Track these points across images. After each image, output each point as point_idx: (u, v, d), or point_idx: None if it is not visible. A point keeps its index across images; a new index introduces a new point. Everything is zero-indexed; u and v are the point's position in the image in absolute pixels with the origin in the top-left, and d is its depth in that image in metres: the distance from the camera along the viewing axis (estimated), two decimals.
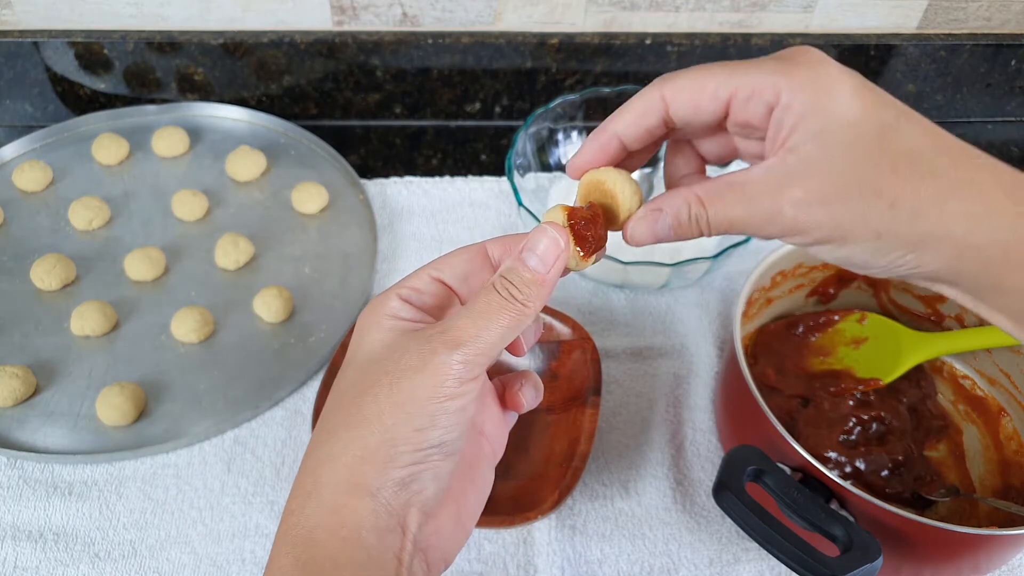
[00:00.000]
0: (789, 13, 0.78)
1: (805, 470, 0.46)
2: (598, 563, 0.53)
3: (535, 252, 0.33)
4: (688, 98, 0.32)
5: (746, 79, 0.31)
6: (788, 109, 0.31)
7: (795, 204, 0.31)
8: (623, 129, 0.34)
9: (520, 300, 0.32)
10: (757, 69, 0.31)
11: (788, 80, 0.31)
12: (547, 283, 0.33)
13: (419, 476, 0.31)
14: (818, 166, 0.30)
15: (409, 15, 0.76)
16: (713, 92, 0.32)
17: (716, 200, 0.32)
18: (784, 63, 0.31)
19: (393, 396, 0.31)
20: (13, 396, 0.58)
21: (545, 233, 0.33)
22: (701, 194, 0.33)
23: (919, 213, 0.30)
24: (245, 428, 0.59)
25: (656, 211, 0.33)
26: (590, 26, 0.78)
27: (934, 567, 0.49)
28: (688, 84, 0.32)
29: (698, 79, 0.32)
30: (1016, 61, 0.82)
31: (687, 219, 0.33)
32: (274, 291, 0.64)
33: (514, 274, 0.32)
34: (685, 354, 0.64)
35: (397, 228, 0.73)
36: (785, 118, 0.31)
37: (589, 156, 0.35)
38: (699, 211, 0.33)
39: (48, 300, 0.65)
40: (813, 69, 0.31)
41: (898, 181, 0.30)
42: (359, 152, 0.81)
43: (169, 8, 0.75)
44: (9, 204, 0.71)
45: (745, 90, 0.31)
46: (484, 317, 0.32)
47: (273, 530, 0.54)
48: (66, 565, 0.52)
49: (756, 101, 0.31)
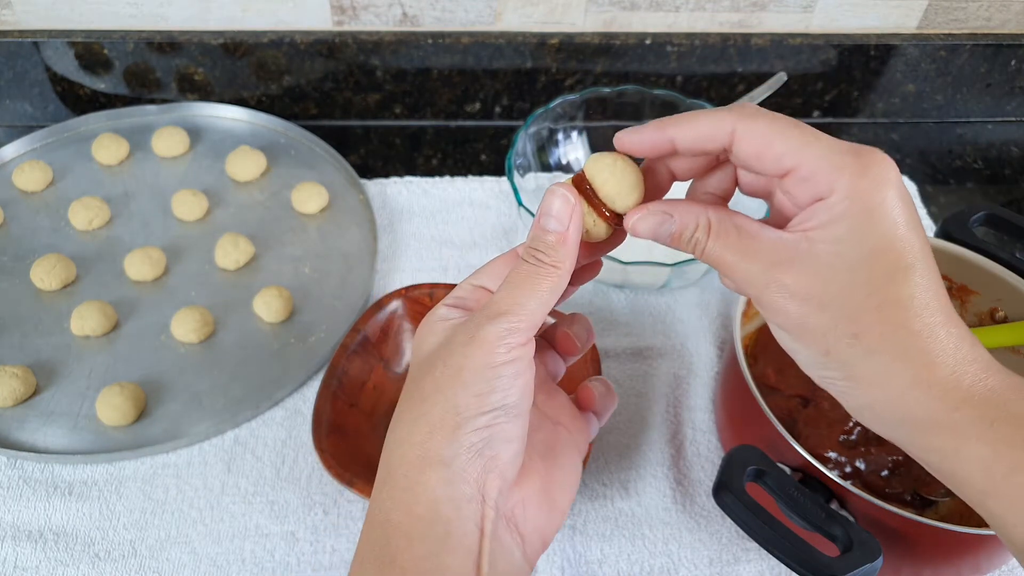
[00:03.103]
0: (789, 13, 0.78)
1: (805, 470, 0.46)
2: (598, 563, 0.53)
3: (550, 214, 0.34)
4: (754, 149, 0.32)
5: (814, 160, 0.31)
6: (829, 209, 0.31)
7: (780, 286, 0.32)
8: (682, 138, 0.34)
9: (549, 263, 0.33)
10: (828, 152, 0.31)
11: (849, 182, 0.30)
12: (569, 240, 0.34)
13: (491, 441, 0.32)
14: (820, 270, 0.31)
15: (409, 15, 0.76)
16: (779, 156, 0.32)
17: (721, 236, 0.33)
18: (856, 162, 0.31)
19: (448, 370, 0.32)
20: (13, 396, 0.58)
21: (553, 193, 0.34)
22: (713, 222, 0.33)
23: (873, 354, 0.31)
24: (245, 428, 0.59)
25: (666, 215, 0.34)
26: (590, 26, 0.78)
27: (934, 567, 0.49)
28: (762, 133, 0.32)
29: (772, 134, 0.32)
30: (1016, 61, 0.82)
31: (688, 237, 0.34)
32: (274, 291, 0.64)
33: (537, 240, 0.34)
34: (685, 354, 0.64)
35: (397, 228, 0.73)
36: (822, 213, 0.31)
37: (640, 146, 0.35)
38: (702, 237, 0.33)
39: (48, 300, 0.65)
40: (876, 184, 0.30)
41: (873, 321, 0.31)
42: (359, 152, 0.81)
43: (169, 8, 0.75)
44: (9, 204, 0.71)
45: (807, 170, 0.31)
46: (519, 287, 0.33)
47: (273, 530, 0.54)
48: (66, 565, 0.52)
49: (810, 186, 0.31)
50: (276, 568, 0.52)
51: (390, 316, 0.61)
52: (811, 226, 0.31)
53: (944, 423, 0.30)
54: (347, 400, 0.58)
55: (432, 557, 0.31)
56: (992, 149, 0.86)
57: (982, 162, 0.84)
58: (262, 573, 0.52)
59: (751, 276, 0.32)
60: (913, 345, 0.30)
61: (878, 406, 0.32)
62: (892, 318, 0.30)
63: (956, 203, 0.80)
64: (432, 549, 0.31)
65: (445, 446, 0.32)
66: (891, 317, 0.30)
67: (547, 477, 0.36)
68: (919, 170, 0.83)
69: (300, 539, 0.54)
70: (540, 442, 0.37)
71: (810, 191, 0.31)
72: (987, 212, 0.58)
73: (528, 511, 0.34)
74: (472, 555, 0.32)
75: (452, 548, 0.31)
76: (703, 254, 0.34)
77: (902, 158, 0.84)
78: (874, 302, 0.30)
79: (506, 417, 0.32)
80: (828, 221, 0.31)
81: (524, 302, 0.33)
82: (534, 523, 0.34)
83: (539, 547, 0.35)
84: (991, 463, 0.30)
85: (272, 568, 0.52)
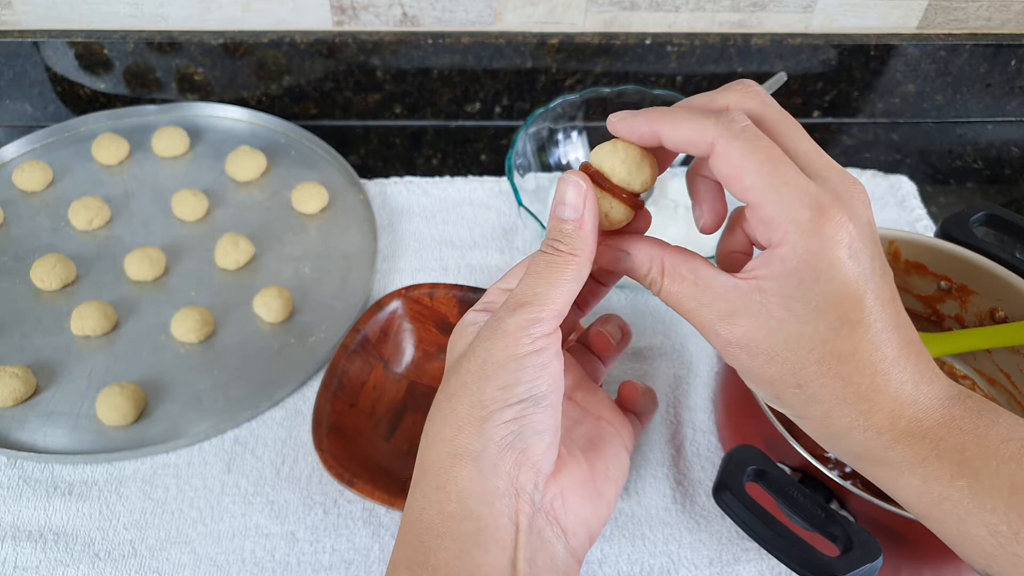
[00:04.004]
0: (789, 13, 0.78)
1: (805, 470, 0.46)
2: (598, 563, 0.53)
3: (564, 203, 0.34)
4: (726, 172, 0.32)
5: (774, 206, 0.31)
6: (781, 262, 0.31)
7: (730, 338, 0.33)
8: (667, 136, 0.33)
9: (567, 251, 0.33)
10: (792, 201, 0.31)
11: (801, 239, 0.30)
12: (585, 226, 0.34)
13: (521, 433, 0.32)
14: (769, 323, 0.32)
15: (409, 15, 0.76)
16: (745, 189, 0.32)
17: (677, 281, 0.34)
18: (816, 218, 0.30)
19: (472, 365, 0.32)
20: (13, 396, 0.58)
21: (565, 181, 0.34)
22: (668, 266, 0.34)
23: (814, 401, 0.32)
24: (245, 428, 0.59)
25: (623, 252, 0.35)
26: (590, 26, 0.78)
27: (934, 567, 0.49)
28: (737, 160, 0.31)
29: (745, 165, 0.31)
30: (1016, 61, 0.82)
31: (643, 275, 0.35)
32: (274, 291, 0.64)
33: (554, 231, 0.34)
34: (685, 354, 0.64)
35: (397, 228, 0.73)
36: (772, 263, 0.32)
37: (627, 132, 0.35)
38: (656, 278, 0.35)
39: (48, 300, 0.65)
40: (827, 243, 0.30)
41: (815, 373, 0.32)
42: (359, 152, 0.81)
43: (169, 8, 0.75)
44: (9, 204, 0.71)
45: (765, 215, 0.31)
46: (539, 277, 0.33)
47: (273, 530, 0.54)
48: (66, 565, 0.52)
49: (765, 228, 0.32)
50: (276, 568, 0.52)
51: (390, 316, 0.61)
52: (762, 275, 0.32)
53: (882, 459, 0.33)
54: (347, 400, 0.58)
55: (463, 555, 0.31)
56: (992, 149, 0.86)
57: (982, 162, 0.84)
58: (262, 573, 0.52)
59: (705, 323, 0.33)
60: (852, 394, 0.32)
61: (825, 441, 0.34)
62: (832, 371, 0.32)
63: (956, 203, 0.80)
64: (463, 547, 0.31)
65: (473, 440, 0.31)
66: (831, 370, 0.32)
67: (590, 468, 0.36)
68: (919, 170, 0.83)
69: (300, 539, 0.54)
70: (581, 436, 0.37)
71: (764, 234, 0.32)
72: (987, 212, 0.58)
73: (569, 503, 0.34)
74: (507, 551, 0.31)
75: (484, 544, 0.31)
76: (660, 295, 0.35)
77: (902, 158, 0.84)
78: (815, 356, 0.32)
79: (535, 408, 0.32)
80: (779, 275, 0.31)
81: (545, 291, 0.33)
82: (577, 515, 0.34)
83: (585, 541, 0.34)
84: (922, 493, 0.32)
85: (272, 568, 0.52)
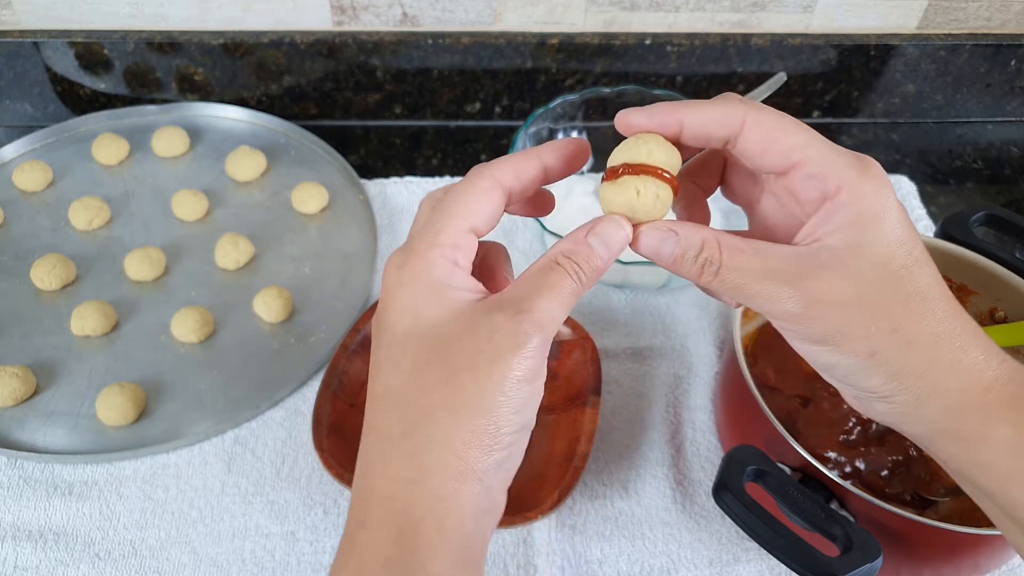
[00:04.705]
0: (789, 13, 0.78)
1: (805, 470, 0.46)
2: (598, 563, 0.53)
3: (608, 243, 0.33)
4: (763, 141, 0.32)
5: (821, 158, 0.32)
6: (844, 208, 0.31)
7: (813, 296, 0.31)
8: (690, 122, 0.33)
9: (587, 282, 0.33)
10: (832, 152, 0.32)
11: (856, 182, 0.31)
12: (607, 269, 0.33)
13: (511, 456, 0.32)
14: (848, 272, 0.31)
15: (409, 15, 0.76)
16: (787, 151, 0.32)
17: (737, 255, 0.32)
18: (856, 164, 0.32)
19: (493, 378, 0.31)
20: (13, 396, 0.58)
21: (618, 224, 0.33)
22: (724, 242, 0.32)
23: (911, 345, 0.32)
24: (245, 428, 0.59)
25: (671, 232, 0.33)
26: (590, 26, 0.78)
27: (934, 567, 0.49)
28: (771, 127, 0.32)
29: (781, 129, 0.32)
30: (1016, 61, 0.82)
31: (692, 257, 0.33)
32: (274, 291, 0.64)
33: (580, 258, 0.32)
34: (685, 354, 0.64)
35: (397, 228, 0.73)
36: (837, 215, 0.31)
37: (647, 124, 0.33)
38: (713, 255, 0.32)
39: (48, 300, 0.65)
40: (878, 185, 0.31)
41: (906, 312, 0.31)
42: (359, 152, 0.81)
43: (169, 8, 0.75)
44: (9, 204, 0.71)
45: (814, 168, 0.32)
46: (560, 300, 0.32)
47: (273, 530, 0.54)
48: (66, 565, 0.52)
49: (816, 183, 0.32)
50: (276, 568, 0.52)
51: None
52: (825, 232, 0.31)
53: (977, 405, 0.31)
54: (347, 400, 0.58)
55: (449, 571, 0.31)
56: (992, 149, 0.86)
57: (982, 162, 0.84)
58: (262, 573, 0.52)
59: (775, 294, 0.32)
60: (943, 331, 0.32)
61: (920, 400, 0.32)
62: (920, 308, 0.31)
63: (956, 203, 0.79)
64: (451, 561, 0.31)
65: (480, 459, 0.31)
66: (919, 307, 0.31)
67: None
68: (919, 170, 0.83)
69: (300, 539, 0.54)
70: None
71: (817, 188, 0.32)
72: (987, 212, 0.58)
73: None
74: (480, 566, 0.32)
75: (466, 562, 0.31)
76: (719, 274, 0.32)
77: (902, 158, 0.84)
78: (901, 295, 0.31)
79: (525, 433, 0.32)
80: (845, 224, 0.31)
81: (559, 319, 0.32)
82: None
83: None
84: (1016, 445, 0.31)
85: (272, 568, 0.52)
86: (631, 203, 0.32)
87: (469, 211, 0.33)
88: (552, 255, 0.33)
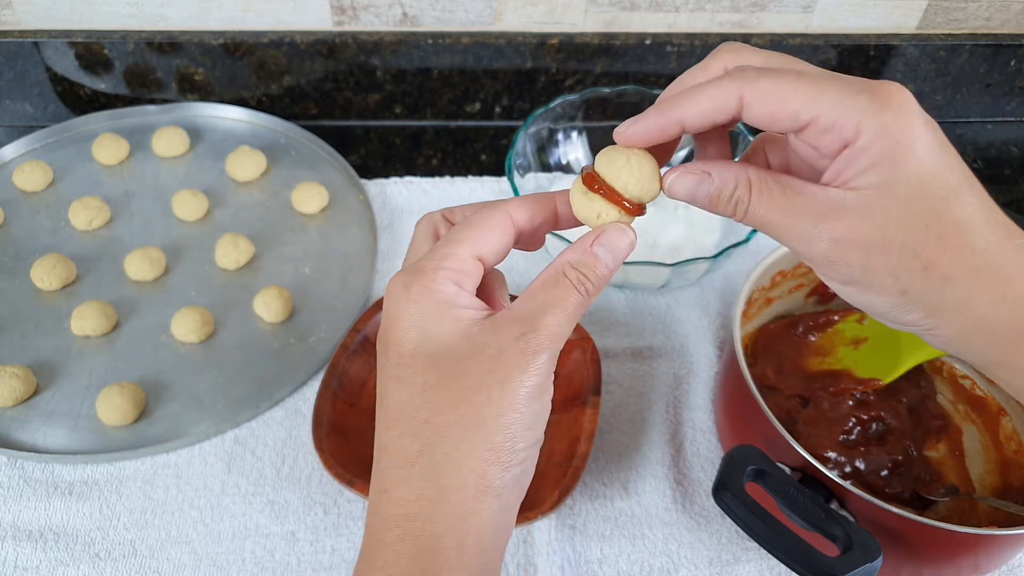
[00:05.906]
0: (789, 13, 0.78)
1: (805, 470, 0.46)
2: (598, 563, 0.53)
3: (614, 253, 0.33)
4: (767, 111, 0.31)
5: (831, 109, 0.30)
6: (864, 151, 0.30)
7: (834, 237, 0.31)
8: (690, 119, 0.33)
9: (591, 294, 0.33)
10: (843, 96, 0.30)
11: (873, 121, 0.30)
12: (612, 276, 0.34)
13: (526, 471, 0.32)
14: (872, 212, 0.31)
15: (409, 15, 0.76)
16: (795, 113, 0.31)
17: (764, 193, 0.32)
18: (873, 99, 0.30)
19: (506, 397, 0.31)
20: (13, 396, 0.58)
21: (623, 232, 0.33)
22: (754, 180, 0.32)
23: (949, 282, 0.31)
24: (245, 428, 0.59)
25: (705, 174, 0.33)
26: (590, 26, 0.78)
27: (934, 567, 0.49)
28: (772, 94, 0.31)
29: (782, 92, 0.31)
30: (1016, 61, 0.82)
31: (728, 196, 0.33)
32: (274, 291, 0.64)
33: (586, 268, 0.33)
34: (685, 354, 0.64)
35: (397, 228, 0.73)
36: (858, 159, 0.31)
37: (646, 136, 0.33)
38: (743, 195, 0.32)
39: (48, 300, 0.65)
40: (900, 116, 0.30)
41: (939, 248, 0.30)
42: (359, 152, 0.81)
43: (169, 8, 0.75)
44: (9, 204, 0.71)
45: (828, 120, 0.30)
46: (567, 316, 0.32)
47: (273, 530, 0.54)
48: (66, 565, 0.52)
49: (835, 134, 0.31)
50: (276, 568, 0.52)
51: None
52: (850, 175, 0.31)
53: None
54: (347, 400, 0.58)
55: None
56: (992, 149, 0.86)
57: (982, 162, 0.84)
58: (262, 573, 0.52)
59: (802, 233, 0.32)
60: (984, 264, 0.30)
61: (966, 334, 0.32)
62: (955, 242, 0.30)
63: None
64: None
65: (499, 475, 0.31)
66: (954, 241, 0.30)
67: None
68: None
69: (300, 539, 0.54)
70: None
71: (835, 139, 0.31)
72: None
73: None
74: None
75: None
76: (746, 214, 0.33)
77: None
78: (934, 230, 0.30)
79: (537, 448, 0.33)
80: (866, 167, 0.30)
81: (566, 333, 0.32)
82: None
83: None
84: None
85: (272, 568, 0.52)
86: (591, 220, 0.34)
87: (479, 240, 0.33)
88: (559, 266, 0.33)
